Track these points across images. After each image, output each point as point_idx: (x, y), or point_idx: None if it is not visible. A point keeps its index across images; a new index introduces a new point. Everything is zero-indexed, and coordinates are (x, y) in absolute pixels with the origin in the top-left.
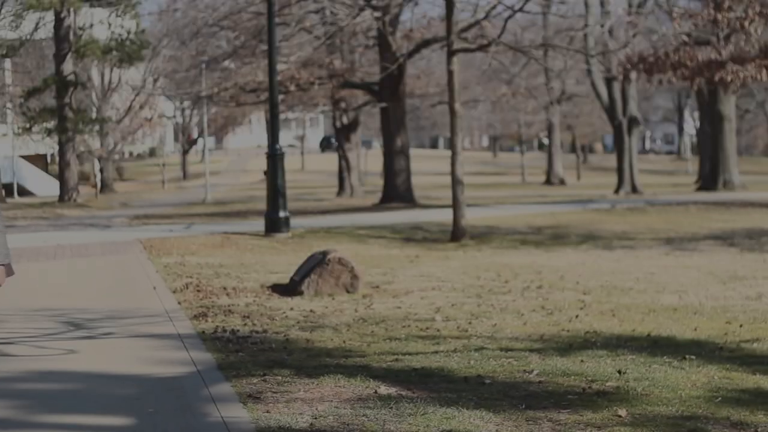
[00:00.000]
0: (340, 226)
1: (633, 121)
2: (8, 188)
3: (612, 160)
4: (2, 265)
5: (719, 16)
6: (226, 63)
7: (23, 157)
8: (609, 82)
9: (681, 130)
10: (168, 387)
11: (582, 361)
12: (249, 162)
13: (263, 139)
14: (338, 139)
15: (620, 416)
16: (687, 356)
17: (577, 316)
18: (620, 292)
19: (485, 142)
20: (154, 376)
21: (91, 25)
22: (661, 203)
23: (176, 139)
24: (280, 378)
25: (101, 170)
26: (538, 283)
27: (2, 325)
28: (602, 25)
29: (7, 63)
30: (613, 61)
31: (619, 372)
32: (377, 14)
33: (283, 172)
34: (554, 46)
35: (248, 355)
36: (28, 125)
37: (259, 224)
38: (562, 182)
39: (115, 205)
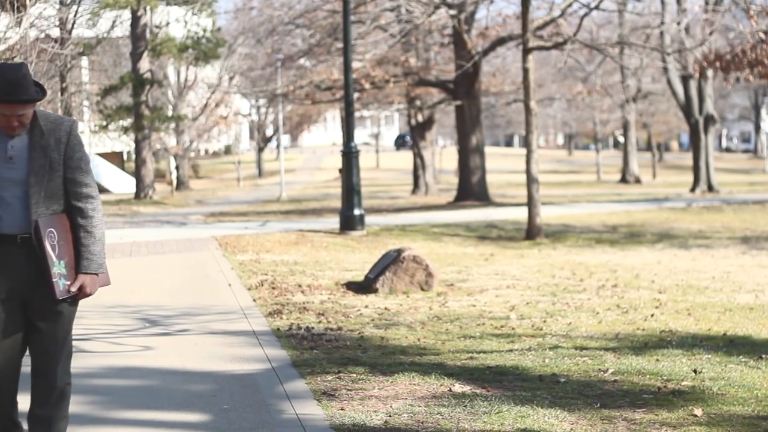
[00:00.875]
0: (415, 224)
1: (709, 120)
2: None
3: (688, 159)
4: (95, 274)
5: None
6: (302, 61)
7: (100, 154)
8: (685, 80)
9: (758, 128)
10: (243, 384)
11: (657, 360)
12: (324, 160)
13: (338, 137)
14: (413, 137)
15: (696, 416)
16: (763, 356)
17: (652, 315)
18: (696, 291)
19: (560, 140)
20: (229, 373)
21: (168, 24)
22: (737, 202)
23: (251, 136)
24: (354, 375)
25: (177, 168)
26: (613, 281)
27: (79, 322)
28: (678, 23)
29: (84, 61)
30: (690, 59)
31: (695, 371)
32: (452, 12)
33: (357, 169)
34: (630, 43)
35: (323, 353)
36: (104, 123)
37: (333, 222)
38: (637, 180)
39: (191, 202)
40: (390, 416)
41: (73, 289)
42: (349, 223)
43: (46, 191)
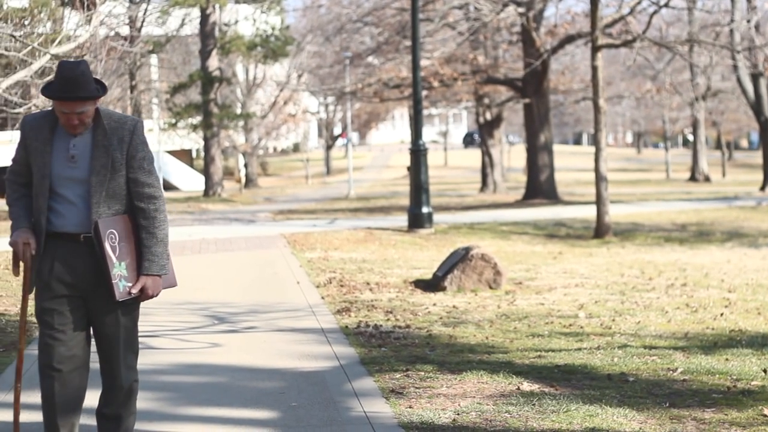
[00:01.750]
0: (483, 222)
1: None
2: None
3: (758, 157)
4: (157, 275)
5: None
6: (370, 59)
7: (169, 152)
8: (755, 78)
9: None
10: (311, 381)
11: (727, 359)
12: (392, 158)
13: (406, 135)
14: (481, 135)
15: (765, 415)
16: None
17: (722, 314)
18: (766, 290)
19: (629, 138)
20: (297, 370)
21: (237, 22)
22: None
23: (320, 134)
24: (422, 373)
25: (246, 165)
26: (682, 280)
27: (148, 319)
28: (748, 21)
29: (154, 59)
30: (760, 56)
31: (765, 371)
32: (521, 10)
33: (426, 167)
34: (699, 41)
35: (391, 350)
36: (173, 121)
37: (402, 220)
38: (706, 179)
39: (259, 200)
40: (458, 414)
41: (134, 291)
42: (417, 221)
43: (107, 191)
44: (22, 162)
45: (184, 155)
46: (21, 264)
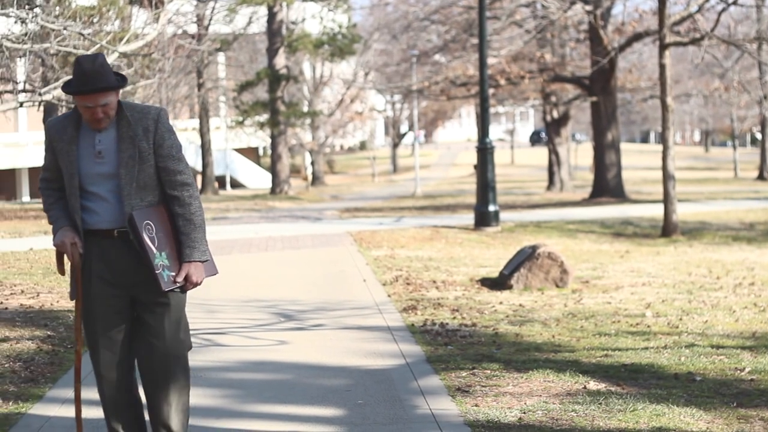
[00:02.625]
0: (550, 221)
1: None
2: (221, 180)
3: None
4: (200, 261)
5: None
6: (437, 57)
7: (236, 149)
8: None
9: None
10: (377, 379)
11: None
12: (458, 156)
13: (473, 133)
14: (548, 133)
15: None
16: None
17: None
18: None
19: (697, 136)
20: (363, 368)
21: (304, 20)
22: None
23: (386, 132)
24: (488, 372)
25: (312, 163)
26: (750, 279)
27: (215, 316)
28: None
29: (221, 57)
30: None
31: None
32: (588, 8)
33: (492, 165)
34: None
35: (457, 349)
36: (240, 118)
37: (468, 218)
38: None
39: (326, 197)
40: (524, 413)
41: (179, 279)
42: (483, 219)
43: (138, 182)
44: (51, 167)
45: (250, 153)
46: (66, 263)
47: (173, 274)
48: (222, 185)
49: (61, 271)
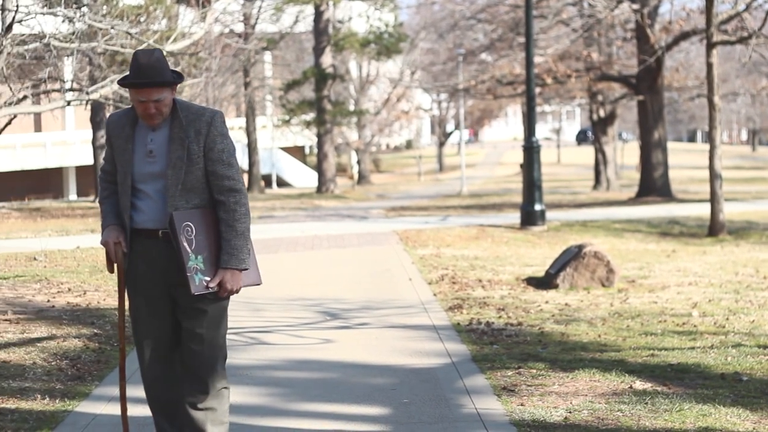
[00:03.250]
0: (596, 220)
1: None
2: (267, 179)
3: None
4: (237, 269)
5: None
6: (483, 56)
7: (282, 148)
8: None
9: None
10: (422, 378)
11: None
12: (504, 155)
13: (519, 132)
14: (594, 132)
15: None
16: None
17: None
18: None
19: (744, 135)
20: (408, 367)
21: (350, 19)
22: None
23: (432, 131)
24: (534, 371)
25: (358, 162)
26: None
27: (260, 314)
28: None
29: (267, 56)
30: None
31: None
32: (635, 6)
33: (539, 164)
34: None
35: (503, 348)
36: (287, 117)
37: (514, 217)
38: None
39: (372, 196)
40: (570, 412)
41: (212, 285)
42: (529, 218)
43: (184, 184)
44: (109, 160)
45: (296, 152)
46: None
47: (207, 278)
48: (268, 184)
49: (110, 269)
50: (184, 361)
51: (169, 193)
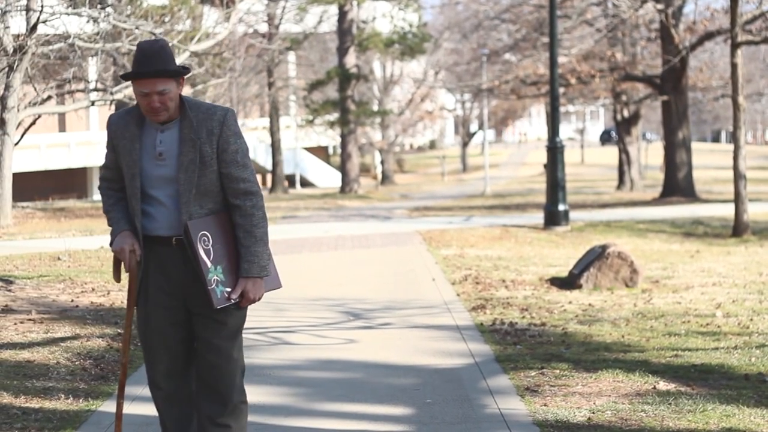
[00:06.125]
0: (620, 220)
1: None
2: (291, 179)
3: None
4: (258, 277)
5: None
6: (507, 56)
7: (306, 148)
8: None
9: None
10: (446, 378)
11: None
12: (528, 155)
13: (543, 132)
14: (618, 133)
15: None
16: None
17: None
18: None
19: None
20: (431, 367)
21: (374, 19)
22: None
23: (456, 131)
24: (557, 371)
25: (382, 162)
26: None
27: (284, 314)
28: None
29: (291, 56)
30: None
31: None
32: (660, 6)
33: (562, 165)
34: None
35: (526, 348)
36: (311, 117)
37: (538, 217)
38: None
39: (395, 196)
40: (593, 413)
41: (234, 296)
42: (553, 218)
43: (198, 188)
44: (112, 166)
45: (320, 152)
46: (122, 269)
47: (228, 290)
48: (292, 184)
49: (117, 279)
50: (200, 375)
51: (182, 199)
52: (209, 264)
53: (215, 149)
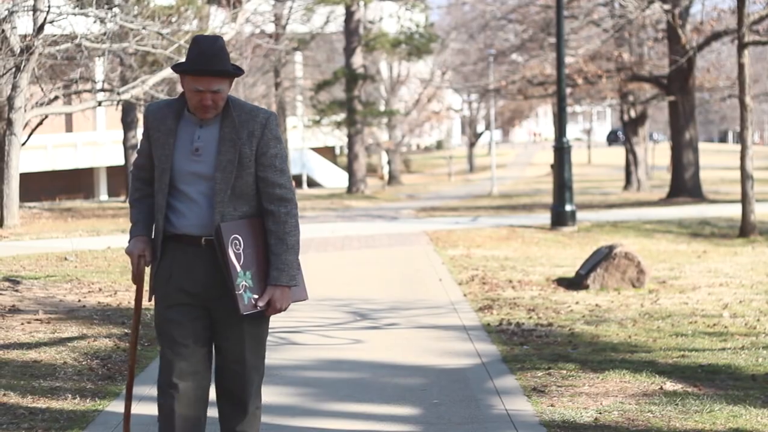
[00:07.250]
0: (627, 221)
1: None
2: (298, 179)
3: None
4: (287, 286)
5: None
6: (514, 56)
7: (312, 149)
8: None
9: None
10: (452, 378)
11: None
12: (535, 155)
13: (550, 132)
14: (625, 133)
15: None
16: None
17: None
18: None
19: None
20: (438, 367)
21: (381, 19)
22: None
23: (463, 132)
24: (564, 372)
25: (389, 162)
26: None
27: (291, 314)
28: None
29: (298, 56)
30: None
31: None
32: (666, 6)
33: (569, 165)
34: None
35: (533, 348)
36: (317, 118)
37: (544, 217)
38: None
39: (402, 196)
40: (600, 413)
41: (261, 303)
42: (560, 218)
43: (233, 190)
44: (145, 154)
45: (327, 152)
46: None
47: (255, 296)
48: (299, 184)
49: (133, 281)
50: (221, 382)
51: (218, 198)
52: (239, 268)
53: (254, 151)
